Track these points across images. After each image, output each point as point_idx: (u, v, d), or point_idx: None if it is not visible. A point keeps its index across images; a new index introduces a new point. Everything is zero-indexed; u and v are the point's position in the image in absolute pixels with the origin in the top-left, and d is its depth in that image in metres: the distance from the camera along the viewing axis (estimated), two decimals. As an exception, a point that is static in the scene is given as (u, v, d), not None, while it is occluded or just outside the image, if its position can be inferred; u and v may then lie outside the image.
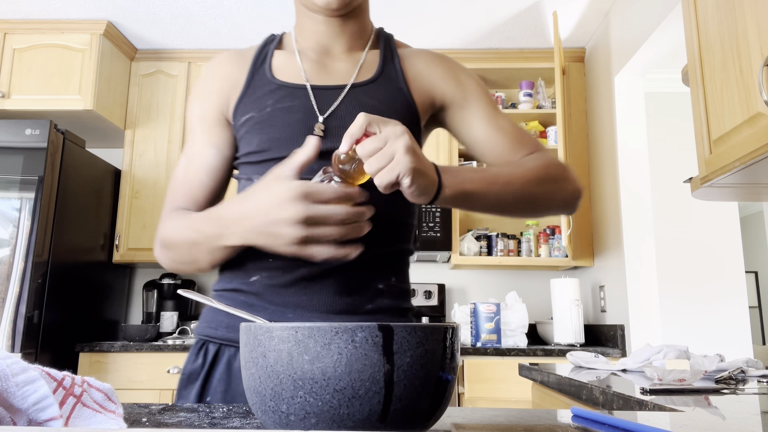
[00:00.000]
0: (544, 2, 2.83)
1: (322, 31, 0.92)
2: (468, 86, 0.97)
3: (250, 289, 0.86)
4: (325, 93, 0.90)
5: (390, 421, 0.42)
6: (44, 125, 2.60)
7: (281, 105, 0.88)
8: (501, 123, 0.95)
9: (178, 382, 0.89)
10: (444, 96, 0.95)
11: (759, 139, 1.28)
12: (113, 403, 0.48)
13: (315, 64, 0.93)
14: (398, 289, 0.91)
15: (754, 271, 6.18)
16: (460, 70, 0.99)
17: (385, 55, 0.95)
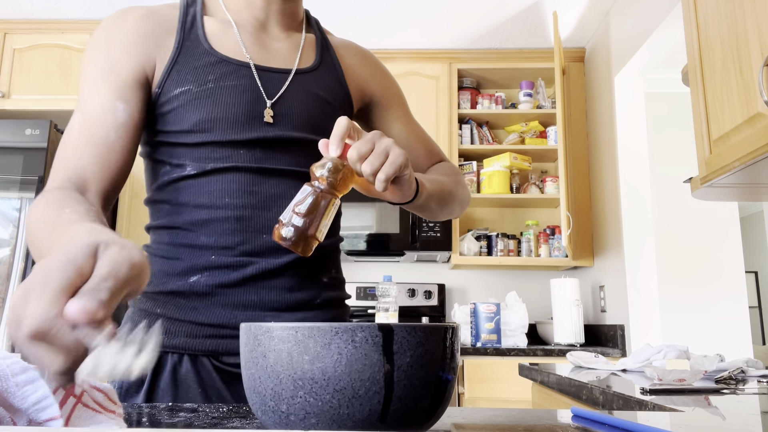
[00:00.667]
0: (544, 2, 2.83)
1: (258, 4, 0.86)
2: (392, 88, 1.00)
3: (192, 290, 0.79)
4: (269, 75, 0.84)
5: (390, 421, 0.42)
6: (44, 125, 2.60)
7: (225, 82, 0.80)
8: (416, 129, 1.00)
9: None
10: (373, 94, 0.97)
11: (759, 139, 1.28)
12: (113, 403, 0.48)
13: (254, 39, 0.86)
14: (338, 280, 0.92)
15: (754, 271, 6.18)
16: (386, 71, 1.01)
17: (322, 43, 0.93)
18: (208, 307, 0.79)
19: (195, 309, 0.79)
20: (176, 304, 0.80)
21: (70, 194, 0.68)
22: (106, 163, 0.74)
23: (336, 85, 0.91)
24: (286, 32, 0.90)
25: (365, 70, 0.96)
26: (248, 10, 0.86)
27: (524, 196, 3.10)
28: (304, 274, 0.83)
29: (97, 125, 0.75)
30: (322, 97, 0.87)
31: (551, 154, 3.18)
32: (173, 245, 0.81)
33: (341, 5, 2.91)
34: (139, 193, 3.14)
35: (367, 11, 2.95)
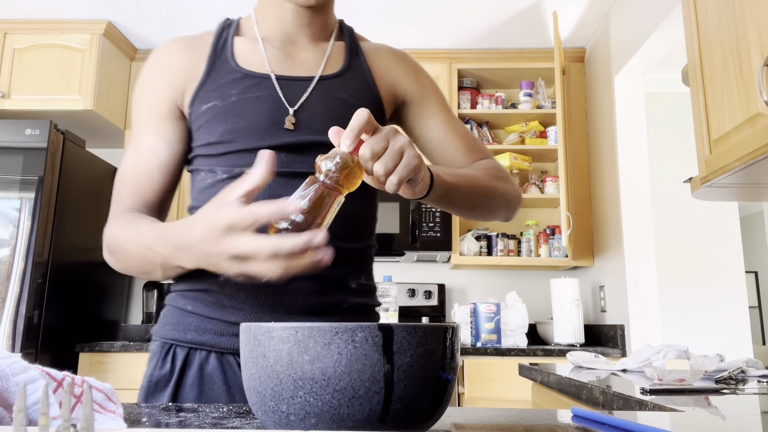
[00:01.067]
0: (544, 2, 2.83)
1: (289, 20, 0.90)
2: (427, 86, 0.98)
3: (221, 289, 0.82)
4: (292, 84, 0.87)
5: (390, 421, 0.42)
6: (44, 125, 2.60)
7: (247, 95, 0.85)
8: (456, 126, 0.97)
9: (142, 389, 0.84)
10: (405, 93, 0.96)
11: (759, 139, 1.28)
12: (113, 403, 0.48)
13: (279, 52, 0.90)
14: (368, 287, 0.92)
15: (754, 271, 6.18)
16: (420, 69, 1.00)
17: (350, 47, 0.95)
18: (235, 306, 0.82)
19: (224, 308, 0.82)
20: (206, 302, 0.83)
21: (136, 214, 0.84)
22: (150, 199, 0.87)
23: (364, 88, 0.91)
24: (314, 42, 0.93)
25: (397, 71, 0.96)
26: (279, 26, 0.91)
27: (524, 196, 3.10)
28: (331, 278, 0.84)
29: (142, 165, 0.87)
30: (348, 101, 0.88)
31: (551, 154, 3.18)
32: None
33: (341, 5, 2.91)
34: (139, 193, 3.14)
35: (368, 11, 2.95)
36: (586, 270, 3.17)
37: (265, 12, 0.92)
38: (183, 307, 0.86)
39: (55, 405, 0.41)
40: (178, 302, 0.87)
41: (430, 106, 0.96)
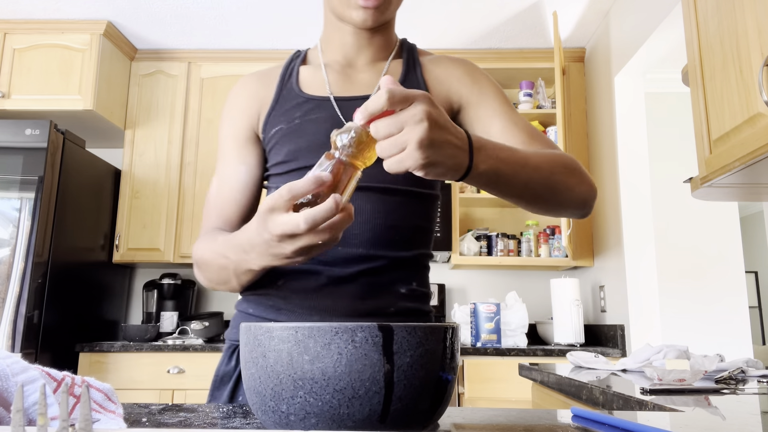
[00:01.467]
0: (544, 2, 2.83)
1: (349, 42, 0.95)
2: (483, 84, 0.97)
3: (277, 292, 0.88)
4: (349, 103, 0.92)
5: (390, 421, 0.42)
6: (44, 125, 2.60)
7: (309, 117, 0.91)
8: (516, 119, 0.95)
9: (211, 383, 0.93)
10: (461, 97, 0.96)
11: (759, 139, 1.28)
12: (113, 403, 0.48)
13: (339, 75, 0.96)
14: (419, 293, 0.94)
15: (754, 271, 6.18)
16: (476, 70, 1.00)
17: (408, 64, 0.98)
18: (289, 309, 0.87)
19: (279, 310, 0.88)
20: (265, 305, 0.90)
21: (218, 232, 0.93)
22: (233, 218, 0.96)
23: None
24: (373, 63, 0.97)
25: (452, 77, 0.97)
26: (340, 50, 0.97)
27: (524, 196, 3.09)
28: (378, 283, 0.88)
29: (226, 189, 0.96)
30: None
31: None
32: None
33: (341, 5, 2.91)
34: (138, 193, 3.15)
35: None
36: (586, 270, 3.17)
37: (328, 38, 0.98)
38: (245, 311, 0.93)
39: (55, 405, 0.41)
40: (242, 306, 0.94)
41: (488, 107, 0.95)
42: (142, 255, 3.09)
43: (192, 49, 3.32)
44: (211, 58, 3.31)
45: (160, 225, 3.11)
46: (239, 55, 3.31)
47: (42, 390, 0.31)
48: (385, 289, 0.89)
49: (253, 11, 2.96)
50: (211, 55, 3.31)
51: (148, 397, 2.63)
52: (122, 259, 3.08)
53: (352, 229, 0.87)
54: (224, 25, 3.08)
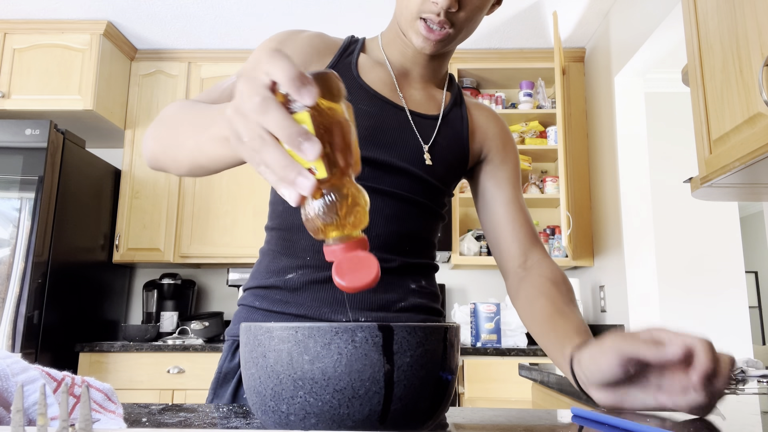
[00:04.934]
0: (544, 2, 2.83)
1: (408, 55, 0.94)
2: (509, 153, 1.01)
3: (286, 285, 0.87)
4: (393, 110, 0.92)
5: (390, 421, 0.42)
6: (44, 125, 2.60)
7: (359, 106, 0.89)
8: (521, 201, 0.99)
9: (213, 380, 0.90)
10: (489, 151, 0.99)
11: (759, 139, 1.28)
12: (113, 403, 0.48)
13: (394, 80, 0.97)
14: (429, 291, 0.94)
15: (754, 271, 6.17)
16: (509, 136, 1.03)
17: (455, 99, 0.99)
18: (298, 301, 0.86)
19: (287, 303, 0.86)
20: (272, 298, 0.88)
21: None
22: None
23: (456, 135, 0.96)
24: (425, 83, 0.97)
25: (490, 129, 1.00)
26: (397, 58, 0.95)
27: (524, 196, 3.09)
28: (389, 279, 0.88)
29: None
30: (438, 141, 0.94)
31: (551, 154, 3.18)
32: (280, 246, 0.90)
33: (341, 5, 2.91)
34: (138, 193, 3.14)
35: (367, 10, 2.95)
36: (586, 270, 3.17)
37: (390, 39, 0.96)
38: (251, 304, 0.90)
39: (55, 405, 0.41)
40: (247, 300, 0.91)
41: (507, 172, 0.99)
42: (142, 255, 3.09)
43: (192, 49, 3.32)
44: (211, 58, 3.31)
45: (160, 225, 3.11)
46: (239, 55, 3.31)
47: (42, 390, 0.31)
48: (396, 284, 0.89)
49: (253, 11, 2.97)
50: (211, 55, 3.31)
51: (148, 397, 2.63)
52: (122, 259, 3.08)
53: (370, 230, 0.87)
54: (224, 25, 3.08)
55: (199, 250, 3.09)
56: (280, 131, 0.41)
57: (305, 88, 0.41)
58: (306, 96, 0.41)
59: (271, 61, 0.42)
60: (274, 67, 0.42)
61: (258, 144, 0.42)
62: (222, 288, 3.40)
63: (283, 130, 0.41)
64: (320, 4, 2.90)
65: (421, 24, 0.85)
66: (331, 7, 2.92)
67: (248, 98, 0.42)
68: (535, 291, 0.86)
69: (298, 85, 0.41)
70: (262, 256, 0.93)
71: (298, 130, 0.41)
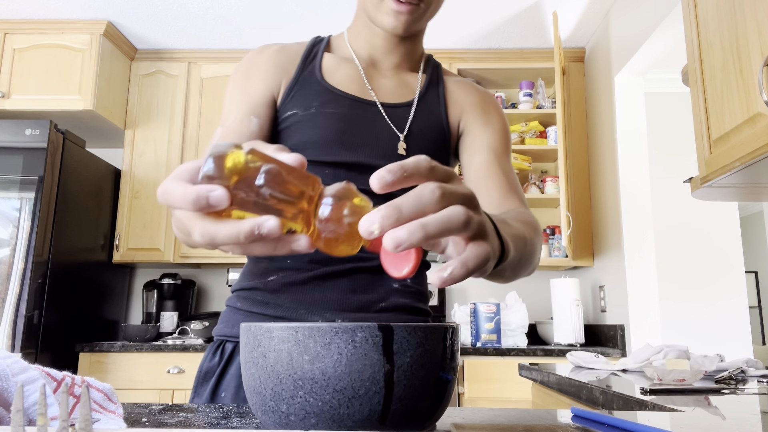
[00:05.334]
0: (544, 2, 2.83)
1: (378, 44, 0.93)
2: (492, 117, 0.96)
3: (266, 287, 0.88)
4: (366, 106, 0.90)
5: (390, 421, 0.42)
6: (44, 125, 2.60)
7: (325, 109, 0.88)
8: (505, 166, 0.94)
9: (194, 379, 0.91)
10: (467, 123, 0.96)
11: (759, 139, 1.28)
12: (113, 403, 0.48)
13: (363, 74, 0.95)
14: (414, 290, 0.92)
15: (754, 271, 6.18)
16: (492, 103, 0.99)
17: (431, 79, 0.97)
18: (276, 302, 0.86)
19: (267, 304, 0.87)
20: (253, 299, 0.88)
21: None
22: None
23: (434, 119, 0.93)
24: (397, 70, 0.95)
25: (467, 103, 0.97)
26: (366, 48, 0.94)
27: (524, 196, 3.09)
28: (370, 278, 0.87)
29: (233, 134, 0.86)
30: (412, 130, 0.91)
31: (551, 154, 3.18)
32: None
33: (341, 5, 2.91)
34: (139, 193, 3.14)
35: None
36: (586, 270, 3.17)
37: (357, 33, 0.95)
38: (234, 305, 0.91)
39: (55, 405, 0.41)
40: (231, 301, 0.92)
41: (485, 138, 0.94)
42: (142, 255, 3.09)
43: (192, 49, 3.32)
44: (211, 58, 3.31)
45: (160, 225, 3.11)
46: (239, 55, 3.31)
47: (42, 390, 0.31)
48: (377, 283, 0.87)
49: (253, 11, 2.96)
50: (211, 55, 3.31)
51: (148, 397, 2.63)
52: (122, 259, 3.08)
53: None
54: (224, 25, 3.08)
55: (199, 250, 3.09)
56: (183, 201, 0.39)
57: (210, 203, 0.39)
58: (216, 203, 0.39)
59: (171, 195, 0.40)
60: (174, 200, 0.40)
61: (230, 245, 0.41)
62: (222, 288, 3.40)
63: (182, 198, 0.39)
64: (320, 4, 2.90)
65: (391, 2, 0.84)
66: (331, 6, 2.92)
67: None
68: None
69: (202, 205, 0.39)
70: (248, 258, 0.93)
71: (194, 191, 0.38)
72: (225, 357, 0.88)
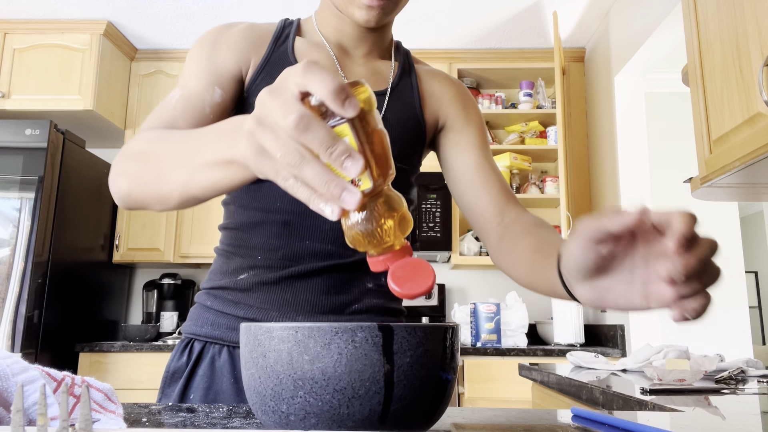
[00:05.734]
0: (544, 2, 2.83)
1: (347, 32, 0.91)
2: (471, 113, 0.96)
3: (237, 286, 0.85)
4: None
5: (390, 421, 0.42)
6: (44, 125, 2.60)
7: None
8: (492, 162, 0.93)
9: (161, 380, 0.87)
10: (447, 117, 0.94)
11: (759, 139, 1.28)
12: (113, 403, 0.48)
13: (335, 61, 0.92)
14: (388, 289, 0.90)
15: (754, 271, 6.17)
16: (468, 96, 0.98)
17: (403, 68, 0.95)
18: (248, 302, 0.84)
19: (236, 304, 0.84)
20: (223, 298, 0.86)
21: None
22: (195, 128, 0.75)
23: (408, 108, 0.92)
24: (368, 57, 0.93)
25: (445, 95, 0.95)
26: (335, 36, 0.91)
27: (524, 196, 3.10)
28: (344, 278, 0.84)
29: (195, 99, 0.79)
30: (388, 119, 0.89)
31: (551, 154, 3.18)
32: (231, 245, 0.88)
33: (341, 5, 2.91)
34: (139, 193, 3.14)
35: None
36: (586, 270, 3.17)
37: (325, 20, 0.92)
38: (204, 303, 0.88)
39: (55, 405, 0.41)
40: (201, 299, 0.89)
41: (470, 137, 0.93)
42: (142, 255, 3.09)
43: (192, 49, 3.32)
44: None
45: (160, 225, 3.11)
46: (239, 55, 3.31)
47: (42, 390, 0.31)
48: (350, 284, 0.85)
49: (252, 11, 2.97)
50: (211, 55, 3.31)
51: (148, 397, 2.63)
52: (122, 259, 3.08)
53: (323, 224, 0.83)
54: (224, 25, 3.08)
55: (199, 250, 3.09)
56: (324, 150, 0.40)
57: (348, 101, 0.40)
58: (349, 109, 0.40)
59: (306, 74, 0.41)
60: (311, 80, 0.41)
61: (296, 160, 0.41)
62: (222, 288, 3.40)
63: (325, 146, 0.40)
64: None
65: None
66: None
67: (281, 114, 0.41)
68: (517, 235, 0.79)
69: (341, 98, 0.40)
70: (218, 255, 0.91)
71: (342, 147, 0.40)
72: (193, 356, 0.85)
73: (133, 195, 0.66)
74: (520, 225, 0.81)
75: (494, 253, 0.86)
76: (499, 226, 0.86)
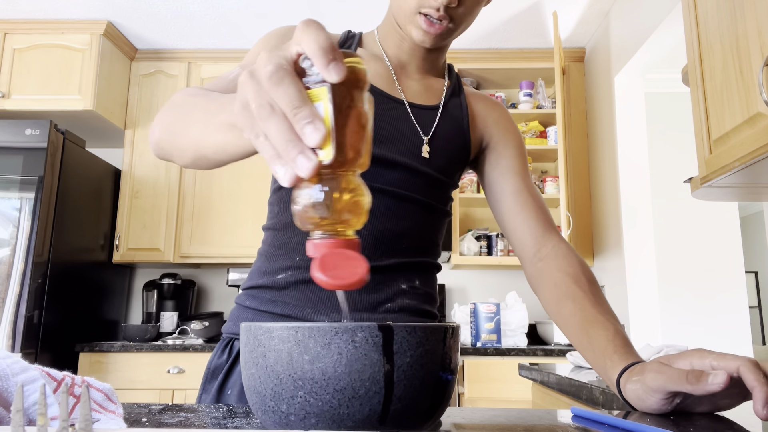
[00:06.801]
0: (544, 2, 2.83)
1: (405, 48, 0.95)
2: (513, 138, 1.00)
3: (275, 285, 0.88)
4: (393, 104, 0.92)
5: (390, 421, 0.42)
6: (44, 125, 2.60)
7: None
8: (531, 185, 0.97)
9: (203, 376, 0.93)
10: (491, 138, 0.99)
11: (759, 139, 1.28)
12: (113, 403, 0.48)
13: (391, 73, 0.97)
14: (423, 292, 0.92)
15: (754, 271, 6.17)
16: (511, 122, 1.03)
17: (454, 88, 1.00)
18: (284, 300, 0.87)
19: (274, 302, 0.87)
20: (261, 297, 0.89)
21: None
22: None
23: (456, 124, 0.96)
24: (422, 74, 0.97)
25: (489, 117, 1.00)
26: (394, 51, 0.96)
27: (524, 196, 3.09)
28: (379, 278, 0.87)
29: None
30: (438, 133, 0.93)
31: (551, 154, 3.18)
32: (273, 246, 0.92)
33: (343, 5, 2.91)
34: (139, 193, 3.14)
35: (367, 10, 2.95)
36: (586, 270, 3.17)
37: (386, 34, 0.97)
38: (243, 303, 0.92)
39: (55, 405, 0.41)
40: (240, 299, 0.93)
41: (510, 159, 0.98)
42: (142, 255, 3.09)
43: (192, 49, 3.32)
44: (211, 58, 3.31)
45: (160, 225, 3.11)
46: (239, 55, 3.31)
47: (42, 390, 0.31)
48: (385, 284, 0.87)
49: (253, 11, 2.96)
50: (211, 55, 3.31)
51: (148, 397, 2.63)
52: (122, 259, 3.08)
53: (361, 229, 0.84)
54: (224, 25, 3.08)
55: (199, 250, 3.09)
56: (288, 106, 0.38)
57: (333, 63, 0.38)
58: (333, 71, 0.38)
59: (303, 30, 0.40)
60: (306, 35, 0.39)
61: (264, 113, 0.39)
62: (222, 288, 3.40)
63: (291, 105, 0.38)
64: (320, 3, 2.90)
65: (422, 18, 0.86)
66: (332, 5, 2.92)
67: (263, 65, 0.39)
68: (558, 292, 0.84)
69: (327, 57, 0.38)
70: (258, 256, 0.95)
71: (307, 111, 0.38)
72: (233, 355, 0.89)
73: (161, 143, 0.68)
74: (557, 272, 0.86)
75: (533, 286, 0.91)
76: (536, 258, 0.91)
